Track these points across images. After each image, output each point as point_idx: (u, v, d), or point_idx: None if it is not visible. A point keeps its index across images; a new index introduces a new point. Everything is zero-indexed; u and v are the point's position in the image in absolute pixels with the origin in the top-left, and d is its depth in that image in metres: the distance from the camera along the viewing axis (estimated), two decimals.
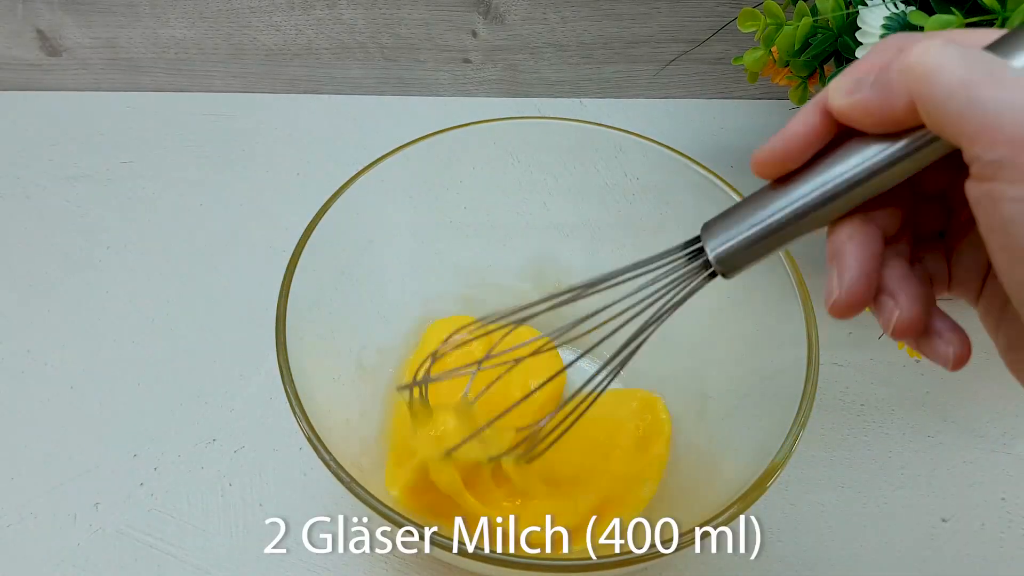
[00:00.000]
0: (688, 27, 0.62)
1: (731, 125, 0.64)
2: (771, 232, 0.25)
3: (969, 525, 0.43)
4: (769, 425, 0.36)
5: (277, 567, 0.41)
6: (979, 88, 0.18)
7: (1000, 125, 0.18)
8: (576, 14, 0.62)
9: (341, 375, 0.41)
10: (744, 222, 0.25)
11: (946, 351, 0.24)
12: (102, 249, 0.56)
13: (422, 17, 0.62)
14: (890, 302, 0.24)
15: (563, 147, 0.46)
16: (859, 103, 0.22)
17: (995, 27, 0.34)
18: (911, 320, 0.23)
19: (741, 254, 0.26)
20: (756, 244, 0.25)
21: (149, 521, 0.43)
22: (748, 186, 0.43)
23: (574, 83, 0.66)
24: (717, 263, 0.26)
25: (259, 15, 0.63)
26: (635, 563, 0.31)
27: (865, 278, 0.23)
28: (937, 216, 0.26)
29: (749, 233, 0.25)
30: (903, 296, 0.24)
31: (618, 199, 0.47)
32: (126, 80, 0.67)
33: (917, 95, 0.20)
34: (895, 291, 0.24)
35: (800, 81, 0.44)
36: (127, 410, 0.47)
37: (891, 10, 0.37)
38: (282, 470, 0.45)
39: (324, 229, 0.40)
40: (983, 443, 0.46)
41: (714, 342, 0.44)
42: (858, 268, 0.23)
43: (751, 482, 0.33)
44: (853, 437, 0.46)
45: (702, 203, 0.43)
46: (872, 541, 0.43)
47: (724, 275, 0.27)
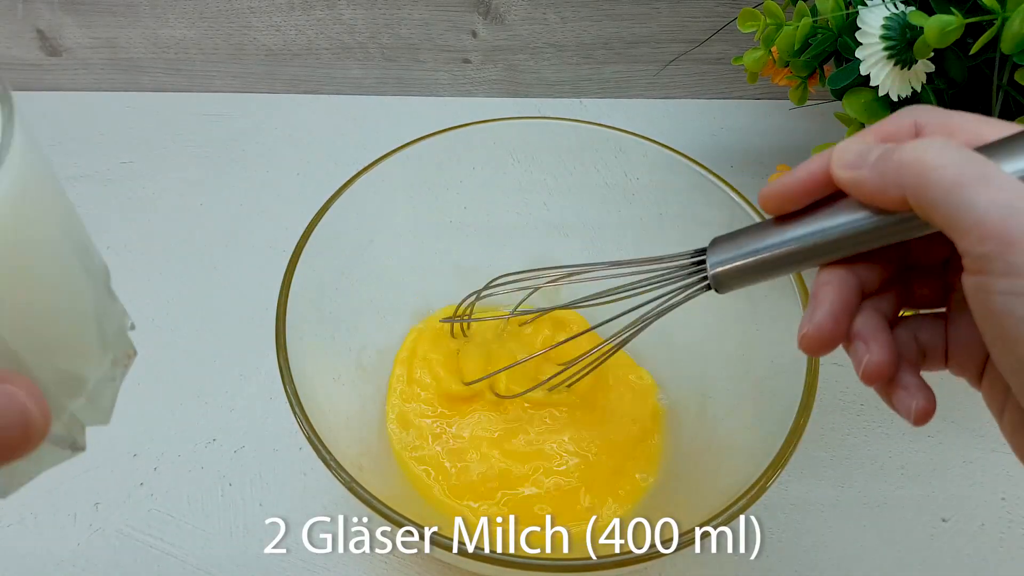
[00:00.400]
0: (688, 27, 0.62)
1: (731, 125, 0.64)
2: (761, 264, 0.27)
3: (969, 525, 0.43)
4: (769, 425, 0.36)
5: (277, 567, 0.41)
6: (972, 188, 0.20)
7: (989, 223, 0.20)
8: (576, 14, 0.62)
9: (341, 375, 0.41)
10: (742, 249, 0.28)
11: (908, 404, 0.25)
12: (102, 249, 0.56)
13: (422, 17, 0.62)
14: (862, 346, 0.25)
15: (563, 147, 0.46)
16: (857, 180, 0.23)
17: (995, 26, 0.34)
18: (879, 364, 0.25)
19: (733, 277, 0.29)
20: (746, 272, 0.28)
21: (149, 521, 0.43)
22: (748, 186, 0.43)
23: (574, 83, 0.66)
24: (712, 278, 0.29)
25: (259, 15, 0.63)
26: (635, 563, 0.31)
27: (833, 320, 0.25)
28: (935, 290, 0.27)
29: (742, 261, 0.28)
30: (874, 343, 0.25)
31: (618, 199, 0.47)
32: (126, 80, 0.67)
33: (912, 190, 0.22)
34: (868, 338, 0.25)
35: (800, 81, 0.44)
36: (127, 410, 0.47)
37: (891, 10, 0.37)
38: (282, 470, 0.45)
39: (324, 229, 0.40)
40: (983, 443, 0.46)
41: (714, 342, 0.44)
42: (828, 310, 0.25)
43: (751, 482, 0.33)
44: (853, 437, 0.46)
45: (702, 203, 0.43)
46: (872, 541, 0.43)
47: (717, 290, 0.30)
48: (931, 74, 0.38)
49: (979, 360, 0.26)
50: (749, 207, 0.41)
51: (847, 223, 0.25)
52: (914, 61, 0.37)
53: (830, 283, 0.26)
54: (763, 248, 0.27)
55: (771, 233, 0.27)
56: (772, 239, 0.27)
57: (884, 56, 0.37)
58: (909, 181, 0.21)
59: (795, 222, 0.26)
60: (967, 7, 0.35)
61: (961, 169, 0.20)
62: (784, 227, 0.27)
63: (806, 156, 0.43)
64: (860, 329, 0.25)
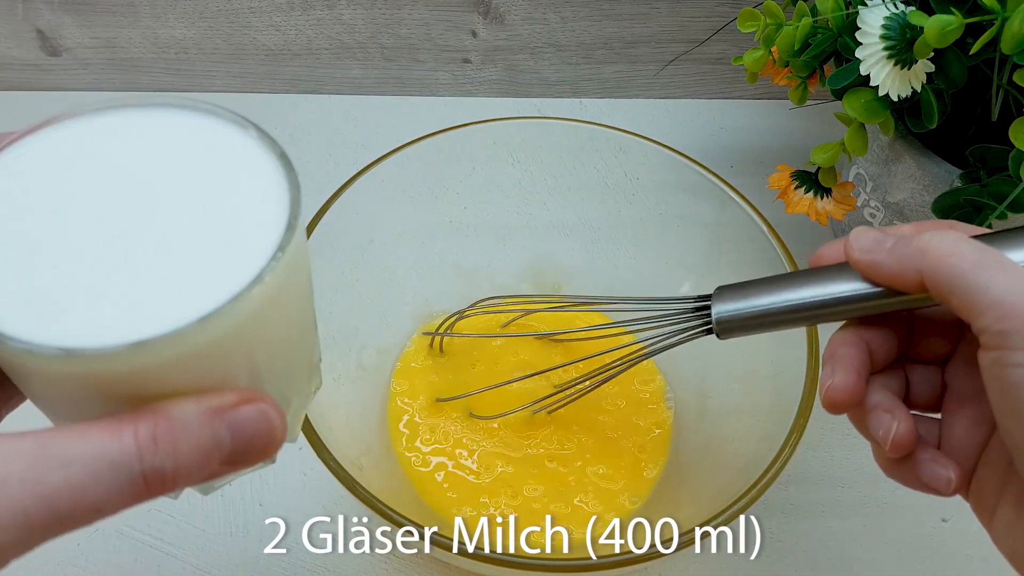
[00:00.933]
0: (688, 27, 0.62)
1: (731, 125, 0.64)
2: (767, 318, 0.29)
3: (969, 525, 0.43)
4: (769, 425, 0.36)
5: (277, 567, 0.41)
6: (989, 273, 0.22)
7: (1008, 303, 0.22)
8: (576, 14, 0.62)
9: (341, 375, 0.41)
10: (750, 300, 0.30)
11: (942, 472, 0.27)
12: None
13: (422, 17, 0.62)
14: (887, 417, 0.26)
15: (563, 147, 0.46)
16: (875, 263, 0.26)
17: (995, 25, 0.34)
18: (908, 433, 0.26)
19: (738, 326, 0.30)
20: (753, 322, 0.30)
21: (149, 521, 0.43)
22: (748, 186, 0.43)
23: (574, 83, 0.66)
24: (717, 324, 0.31)
25: (259, 15, 0.63)
26: (635, 563, 0.31)
27: (856, 375, 0.26)
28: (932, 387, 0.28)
29: (750, 313, 0.30)
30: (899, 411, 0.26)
31: (618, 199, 0.47)
32: (126, 80, 0.67)
33: (930, 273, 0.24)
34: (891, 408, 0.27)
35: (800, 81, 0.44)
36: None
37: (891, 10, 0.37)
38: (282, 470, 0.45)
39: (324, 229, 0.40)
40: None
41: (714, 342, 0.44)
42: (850, 365, 0.27)
43: (751, 482, 0.33)
44: (853, 437, 0.46)
45: (702, 203, 0.43)
46: (872, 541, 0.43)
47: (719, 335, 0.31)
48: (931, 74, 0.38)
49: (971, 458, 0.27)
50: (749, 207, 0.41)
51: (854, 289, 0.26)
52: (914, 61, 0.37)
53: (846, 344, 0.27)
54: (771, 303, 0.29)
55: (780, 289, 0.29)
56: (781, 296, 0.29)
57: (884, 56, 0.37)
58: (928, 265, 0.24)
59: (804, 280, 0.28)
60: (967, 7, 0.35)
61: (978, 256, 0.23)
62: (793, 285, 0.28)
63: (806, 156, 0.44)
64: (880, 401, 0.27)
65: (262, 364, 0.21)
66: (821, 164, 0.43)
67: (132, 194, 0.21)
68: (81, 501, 0.18)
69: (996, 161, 0.39)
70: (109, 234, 0.20)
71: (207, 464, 0.19)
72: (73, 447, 0.18)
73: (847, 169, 0.51)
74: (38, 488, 0.17)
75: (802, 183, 0.45)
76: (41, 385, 0.20)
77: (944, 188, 0.43)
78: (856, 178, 0.49)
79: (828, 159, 0.43)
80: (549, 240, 0.49)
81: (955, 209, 0.40)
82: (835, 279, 0.27)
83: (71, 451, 0.18)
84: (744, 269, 0.41)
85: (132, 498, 0.18)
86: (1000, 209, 0.37)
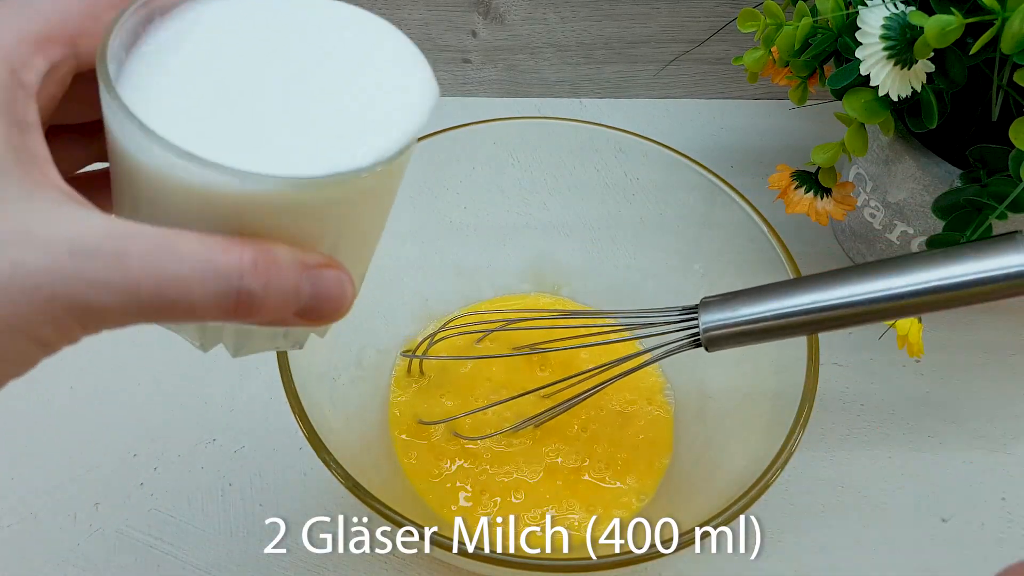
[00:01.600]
0: (688, 27, 0.62)
1: (731, 125, 0.64)
2: (755, 330, 0.29)
3: (969, 525, 0.43)
4: (769, 425, 0.36)
5: (277, 567, 0.41)
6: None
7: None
8: (576, 14, 0.62)
9: (341, 375, 0.41)
10: (737, 312, 0.29)
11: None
12: None
13: (422, 17, 0.62)
14: None
15: (563, 147, 0.46)
16: None
17: (995, 26, 0.34)
18: None
19: (725, 339, 0.30)
20: (740, 335, 0.29)
21: (149, 521, 0.43)
22: (748, 186, 0.43)
23: (574, 83, 0.66)
24: (704, 336, 0.30)
25: None
26: (635, 563, 0.31)
27: None
28: None
29: (737, 326, 0.29)
30: None
31: (618, 199, 0.47)
32: None
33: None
34: None
35: (800, 81, 0.44)
36: (127, 410, 0.47)
37: (891, 10, 0.37)
38: (282, 470, 0.45)
39: None
40: (983, 443, 0.46)
41: None
42: None
43: (751, 482, 0.33)
44: (853, 437, 0.46)
45: (702, 203, 0.43)
46: (872, 541, 0.43)
47: (707, 348, 0.31)
48: (931, 74, 0.38)
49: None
50: (749, 207, 0.41)
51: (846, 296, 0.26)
52: (914, 61, 0.37)
53: None
54: (758, 314, 0.28)
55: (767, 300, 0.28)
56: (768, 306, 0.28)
57: (884, 56, 0.37)
58: None
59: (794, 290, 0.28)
60: (967, 7, 0.35)
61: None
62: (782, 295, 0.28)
63: (806, 156, 0.44)
64: None
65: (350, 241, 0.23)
66: (821, 164, 0.43)
67: (296, 57, 0.23)
68: (185, 296, 0.19)
69: (996, 161, 0.39)
70: (277, 87, 0.22)
71: (285, 307, 0.21)
72: (191, 247, 0.19)
73: (847, 169, 0.51)
74: (154, 271, 0.18)
75: (802, 183, 0.45)
76: (174, 197, 0.21)
77: (944, 188, 0.43)
78: (856, 178, 0.49)
79: (828, 159, 0.43)
80: (549, 240, 0.49)
81: (955, 209, 0.40)
82: (827, 286, 0.27)
83: (188, 249, 0.19)
84: (744, 269, 0.41)
85: (222, 312, 0.20)
86: (1000, 209, 0.37)
